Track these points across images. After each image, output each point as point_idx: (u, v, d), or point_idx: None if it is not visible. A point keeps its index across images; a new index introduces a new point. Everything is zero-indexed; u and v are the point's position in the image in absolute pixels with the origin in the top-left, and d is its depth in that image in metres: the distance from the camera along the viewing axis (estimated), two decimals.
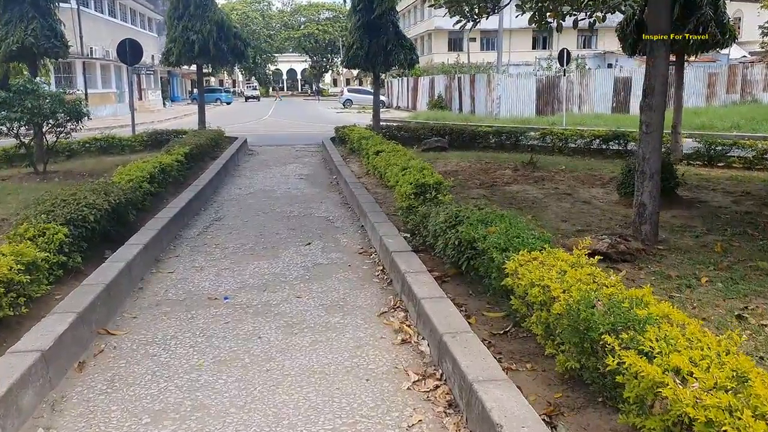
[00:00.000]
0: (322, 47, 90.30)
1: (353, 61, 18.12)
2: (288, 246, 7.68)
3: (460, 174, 11.71)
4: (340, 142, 18.89)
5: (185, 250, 7.58)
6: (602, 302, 3.55)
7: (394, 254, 6.18)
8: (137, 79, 51.68)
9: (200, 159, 15.04)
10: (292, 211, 9.90)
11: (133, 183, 9.06)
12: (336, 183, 12.74)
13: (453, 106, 37.91)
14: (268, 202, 10.73)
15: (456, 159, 14.11)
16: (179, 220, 8.60)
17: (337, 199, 10.97)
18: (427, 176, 7.85)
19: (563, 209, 9.00)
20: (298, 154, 18.40)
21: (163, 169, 10.89)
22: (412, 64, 18.46)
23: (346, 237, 8.09)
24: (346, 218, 9.25)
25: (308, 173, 14.39)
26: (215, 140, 17.28)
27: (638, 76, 32.07)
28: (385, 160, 10.12)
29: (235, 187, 12.45)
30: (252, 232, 8.49)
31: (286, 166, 15.65)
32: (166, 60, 18.65)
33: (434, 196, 7.48)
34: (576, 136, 15.42)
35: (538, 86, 32.20)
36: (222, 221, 9.23)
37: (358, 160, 15.01)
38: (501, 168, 12.35)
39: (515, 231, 4.98)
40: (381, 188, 10.81)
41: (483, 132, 17.13)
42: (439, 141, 16.96)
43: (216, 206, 10.39)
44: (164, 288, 6.14)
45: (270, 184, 12.69)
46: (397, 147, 11.31)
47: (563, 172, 11.90)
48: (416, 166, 8.61)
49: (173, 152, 12.67)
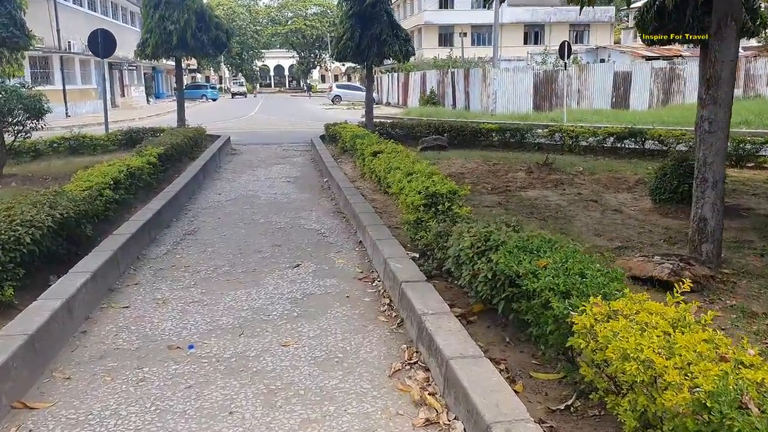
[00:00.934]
0: (309, 43, 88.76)
1: (344, 53, 16.80)
2: (272, 268, 6.38)
3: (467, 177, 10.45)
4: (331, 141, 17.59)
5: (147, 274, 6.26)
6: (753, 400, 2.29)
7: (404, 285, 4.90)
8: (119, 75, 50.10)
9: (177, 160, 13.69)
10: (278, 221, 8.59)
11: (91, 191, 7.71)
12: (328, 187, 11.43)
13: (446, 101, 36.65)
14: (251, 210, 9.42)
15: (459, 159, 12.84)
16: (143, 236, 7.27)
17: (329, 206, 9.68)
18: (438, 183, 6.57)
19: (593, 219, 7.75)
20: (285, 153, 17.07)
21: (131, 173, 9.55)
22: (408, 55, 17.17)
23: (342, 256, 6.80)
24: (341, 231, 7.95)
25: (296, 175, 13.08)
26: (195, 139, 15.92)
27: (638, 70, 30.99)
28: (385, 162, 8.83)
29: (214, 192, 11.11)
30: (230, 249, 7.18)
31: (272, 167, 14.32)
32: (141, 52, 17.22)
33: (447, 207, 6.20)
34: (588, 133, 14.20)
35: (536, 81, 31.01)
36: (196, 235, 7.90)
37: (351, 160, 13.72)
38: (512, 170, 11.09)
39: (576, 265, 3.72)
40: (379, 194, 9.52)
41: (486, 129, 15.88)
42: (438, 139, 15.69)
43: (190, 216, 9.06)
44: (114, 330, 4.83)
45: (253, 189, 11.37)
46: (397, 147, 10.03)
47: (582, 175, 10.66)
48: (423, 171, 7.32)
49: (145, 153, 11.32)
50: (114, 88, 48.45)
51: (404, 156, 8.91)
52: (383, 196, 9.29)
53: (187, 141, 14.67)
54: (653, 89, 30.80)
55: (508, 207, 8.22)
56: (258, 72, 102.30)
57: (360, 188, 10.08)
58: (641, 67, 31.10)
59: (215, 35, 17.22)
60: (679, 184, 8.16)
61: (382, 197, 9.27)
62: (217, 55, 18.05)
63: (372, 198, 9.23)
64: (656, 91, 30.83)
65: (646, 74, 30.70)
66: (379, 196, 9.40)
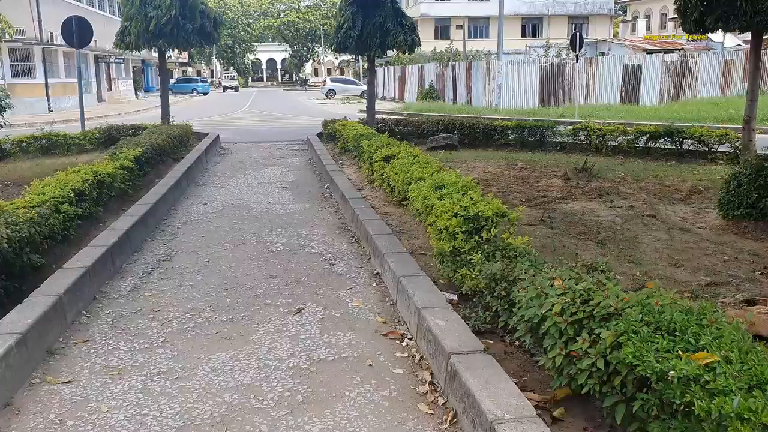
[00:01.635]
0: (302, 36, 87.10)
1: (344, 43, 15.28)
2: (266, 314, 4.91)
3: (492, 184, 8.99)
4: (330, 139, 16.10)
5: (104, 324, 4.78)
6: None
7: (456, 361, 3.45)
8: (106, 68, 48.37)
9: (159, 162, 12.19)
10: (273, 242, 7.12)
11: (43, 207, 6.23)
12: (330, 195, 9.96)
13: (446, 96, 35.14)
14: (241, 226, 7.94)
15: (479, 163, 11.34)
16: (105, 267, 5.78)
17: (332, 220, 8.21)
18: (479, 202, 5.10)
19: (661, 242, 6.31)
20: (279, 153, 15.57)
21: (99, 182, 8.07)
22: (414, 46, 15.67)
23: (356, 295, 5.34)
24: (351, 256, 6.48)
25: (293, 179, 11.59)
26: (180, 138, 14.40)
27: (648, 63, 29.57)
28: (402, 170, 7.33)
29: (198, 201, 9.62)
30: (213, 283, 5.71)
31: (265, 169, 12.83)
32: (120, 42, 15.63)
33: (495, 235, 4.75)
34: (618, 132, 12.74)
35: (542, 75, 29.53)
36: (172, 261, 6.42)
37: (354, 162, 12.25)
38: (545, 176, 9.63)
39: (759, 365, 2.27)
40: (392, 206, 8.05)
41: (501, 127, 14.41)
42: (448, 138, 14.23)
43: (168, 234, 7.57)
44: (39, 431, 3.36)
45: (244, 197, 9.88)
46: (412, 150, 8.53)
47: (626, 182, 9.20)
48: (454, 183, 5.85)
49: (119, 156, 9.83)
50: (100, 81, 46.76)
51: (424, 162, 7.43)
52: (398, 209, 7.83)
53: (170, 140, 13.16)
54: (664, 83, 29.41)
55: (553, 225, 6.77)
56: (250, 66, 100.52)
57: (369, 198, 8.61)
58: (652, 60, 29.68)
59: (201, 24, 15.66)
60: (759, 198, 6.73)
61: (396, 210, 7.81)
62: (203, 45, 16.46)
63: (384, 211, 7.77)
64: (667, 86, 29.44)
65: (656, 68, 29.29)
66: (393, 208, 7.93)
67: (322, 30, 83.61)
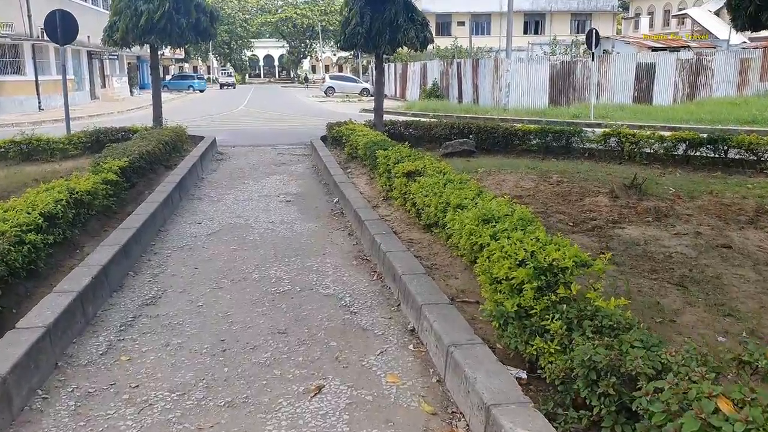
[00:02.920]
0: (300, 32, 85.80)
1: (352, 40, 14.11)
2: (276, 395, 3.77)
3: (529, 202, 7.85)
4: (335, 143, 14.95)
5: (63, 412, 3.63)
6: None
7: None
8: (100, 64, 47.08)
9: (150, 171, 11.05)
10: (279, 277, 5.98)
11: (2, 240, 5.09)
12: (340, 211, 8.82)
13: (450, 94, 33.97)
14: (240, 254, 6.80)
15: (505, 173, 10.16)
16: (71, 320, 4.64)
17: (347, 245, 7.07)
18: (548, 245, 3.97)
19: (752, 284, 5.18)
20: (281, 158, 14.41)
21: (77, 201, 6.94)
22: (426, 43, 14.52)
23: (390, 364, 4.18)
24: (375, 300, 5.34)
25: (297, 191, 10.46)
26: (173, 143, 13.23)
27: (662, 61, 28.43)
28: (433, 192, 6.16)
29: (192, 219, 8.47)
30: (207, 340, 4.56)
31: (266, 179, 11.68)
32: (108, 38, 14.44)
33: (574, 293, 3.62)
34: (654, 139, 11.59)
35: (552, 73, 28.36)
36: (158, 306, 5.28)
37: (365, 171, 11.11)
38: (587, 192, 8.46)
39: None
40: (418, 230, 6.91)
41: (522, 131, 13.25)
42: (464, 143, 13.08)
43: (155, 266, 6.42)
44: None
45: (244, 214, 8.74)
46: (439, 164, 7.33)
47: (681, 201, 8.05)
48: (507, 215, 4.71)
49: (102, 168, 8.69)
50: (94, 78, 45.48)
51: (458, 182, 6.28)
52: (425, 234, 6.68)
53: (162, 147, 11.99)
54: (678, 82, 28.29)
55: (616, 259, 5.62)
56: (247, 62, 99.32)
57: (387, 219, 7.47)
58: (665, 58, 28.55)
59: (196, 18, 14.46)
60: None
61: (422, 236, 6.66)
62: (199, 42, 15.25)
63: (409, 238, 6.62)
64: (681, 85, 28.32)
65: (670, 66, 28.17)
66: (418, 233, 6.79)
67: (320, 26, 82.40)
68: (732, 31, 49.00)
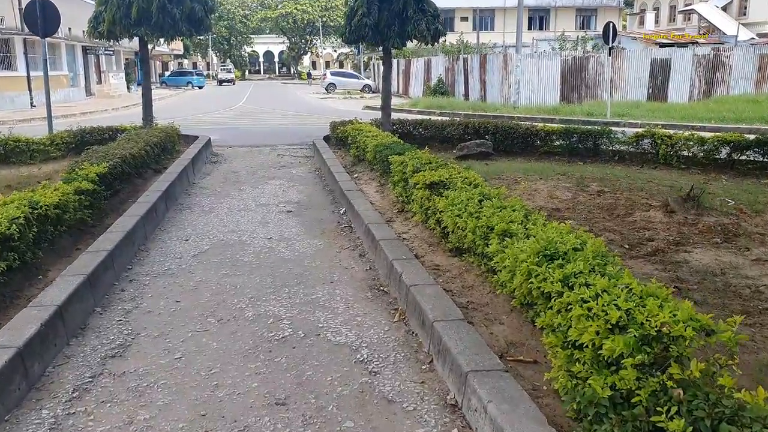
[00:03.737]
0: (300, 28, 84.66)
1: (358, 32, 12.97)
2: None
3: (568, 216, 6.72)
4: (339, 144, 13.85)
5: None
6: None
7: None
8: (95, 60, 45.93)
9: (136, 175, 9.96)
10: (278, 315, 4.87)
11: None
12: (348, 225, 7.72)
13: (457, 91, 32.82)
14: (232, 280, 5.70)
15: (534, 180, 8.99)
16: (8, 386, 3.53)
17: (358, 270, 5.97)
18: (648, 298, 2.88)
19: None
20: (280, 160, 13.30)
21: (42, 217, 5.86)
22: (437, 36, 13.38)
23: None
24: (399, 351, 4.22)
25: (299, 199, 9.36)
26: (163, 144, 12.10)
27: (677, 57, 27.27)
28: (467, 211, 5.00)
29: (178, 235, 7.36)
30: (181, 415, 3.46)
31: (264, 184, 10.57)
32: (93, 30, 13.29)
33: (695, 375, 2.52)
34: (693, 141, 10.47)
35: (563, 68, 27.20)
36: (125, 359, 4.17)
37: (374, 177, 10.01)
38: (635, 205, 7.30)
39: None
40: (442, 253, 5.79)
41: (544, 132, 12.11)
42: (482, 144, 11.96)
43: (128, 299, 5.32)
44: None
45: (238, 228, 7.64)
46: (468, 174, 6.19)
47: (746, 216, 6.93)
48: (576, 248, 3.61)
49: (76, 176, 7.60)
50: (89, 74, 44.31)
51: (496, 197, 5.16)
52: (452, 258, 5.57)
53: (149, 149, 10.87)
54: (694, 79, 27.13)
55: (690, 295, 4.51)
56: (247, 58, 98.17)
57: (405, 238, 6.36)
58: (682, 54, 27.38)
59: (190, 8, 13.32)
60: None
61: (450, 261, 5.55)
62: (193, 34, 14.10)
63: (434, 264, 5.51)
64: (698, 81, 27.16)
65: (686, 62, 27.01)
66: (444, 257, 5.67)
67: (320, 22, 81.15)
68: (740, 27, 47.92)
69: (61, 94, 37.75)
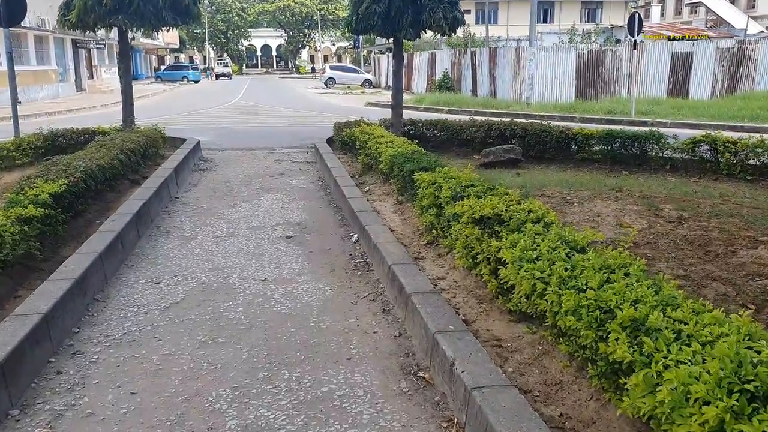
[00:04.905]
0: (298, 21, 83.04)
1: (366, 21, 11.36)
2: None
3: (652, 255, 5.14)
4: (344, 148, 12.27)
5: None
6: None
7: None
8: (86, 54, 44.21)
9: (108, 189, 8.40)
10: (275, 426, 3.31)
11: None
12: (363, 260, 6.15)
13: (463, 87, 31.18)
14: (210, 357, 4.11)
15: (589, 200, 7.40)
16: None
17: (383, 337, 4.40)
18: None
19: None
20: (278, 167, 11.71)
21: None
22: (456, 25, 11.78)
23: None
24: None
25: (301, 220, 7.78)
26: (143, 150, 10.51)
27: (700, 51, 25.65)
28: (555, 273, 3.44)
29: (147, 276, 5.76)
30: None
31: (259, 198, 9.00)
32: (63, 18, 11.64)
33: None
34: (762, 148, 8.88)
35: (579, 63, 25.57)
36: None
37: (388, 189, 8.44)
38: (732, 237, 5.62)
39: None
40: (499, 317, 4.21)
41: (581, 136, 10.50)
42: (510, 150, 10.37)
43: (63, 390, 3.73)
44: None
45: (224, 263, 6.06)
46: (534, 207, 4.61)
47: None
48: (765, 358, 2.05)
49: (24, 197, 6.07)
50: (80, 69, 42.61)
51: (583, 242, 3.60)
52: (516, 326, 4.01)
53: (125, 157, 9.28)
54: (717, 73, 25.52)
55: None
56: (244, 52, 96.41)
57: (444, 287, 4.79)
58: (704, 47, 25.76)
59: None
60: None
61: (514, 330, 3.98)
62: (178, 23, 12.44)
63: (492, 335, 3.94)
64: (720, 76, 25.55)
65: (709, 55, 25.39)
66: (504, 324, 4.10)
67: (319, 15, 79.36)
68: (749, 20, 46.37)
69: (50, 90, 36.08)
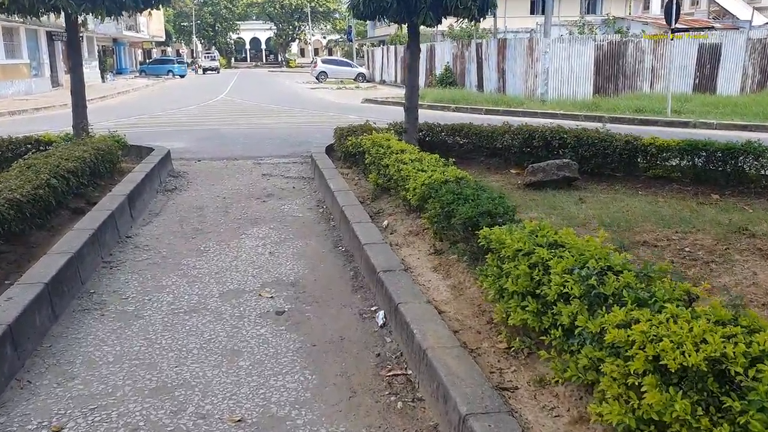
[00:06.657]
0: (288, 14, 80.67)
1: (378, 3, 9.00)
2: None
3: None
4: (348, 160, 9.95)
5: None
6: None
7: None
8: (64, 47, 41.50)
9: (35, 226, 6.05)
10: None
11: None
12: (399, 364, 3.85)
13: (467, 82, 28.86)
14: None
15: (719, 258, 5.14)
16: None
17: None
18: None
19: None
20: (267, 185, 9.38)
21: None
22: (484, 9, 9.49)
23: None
24: None
25: (297, 278, 5.47)
26: (93, 167, 8.13)
27: (729, 42, 23.45)
28: None
29: (44, 412, 3.45)
30: None
31: (240, 237, 6.67)
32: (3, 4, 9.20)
33: None
34: None
35: (597, 55, 23.29)
36: None
37: (416, 227, 6.13)
38: None
39: None
40: None
41: (654, 147, 8.19)
42: (565, 167, 8.05)
43: None
44: None
45: (176, 380, 3.73)
46: (722, 315, 2.43)
47: None
48: None
49: None
50: (56, 63, 39.87)
51: None
52: None
53: (62, 180, 6.91)
54: (747, 67, 23.34)
55: None
56: (233, 45, 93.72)
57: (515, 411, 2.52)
58: (734, 39, 23.58)
59: None
60: None
61: None
62: (141, 8, 9.97)
63: None
64: (751, 70, 23.37)
65: (739, 48, 23.21)
66: None
67: (309, 7, 76.85)
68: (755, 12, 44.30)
69: (21, 86, 33.44)
